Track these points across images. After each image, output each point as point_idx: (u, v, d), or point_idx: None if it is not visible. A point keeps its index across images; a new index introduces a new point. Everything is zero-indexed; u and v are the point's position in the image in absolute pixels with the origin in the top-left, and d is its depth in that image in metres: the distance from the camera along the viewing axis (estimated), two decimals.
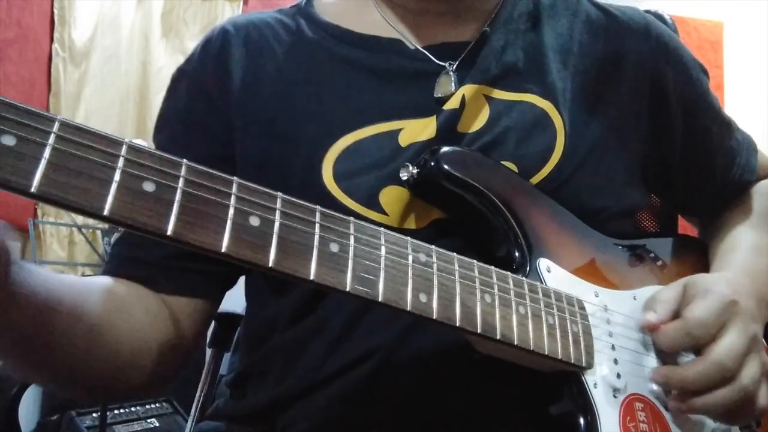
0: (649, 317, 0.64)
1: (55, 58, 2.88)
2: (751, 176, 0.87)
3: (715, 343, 0.62)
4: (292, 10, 0.82)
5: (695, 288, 0.65)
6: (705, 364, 0.61)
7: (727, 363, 0.61)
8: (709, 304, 0.63)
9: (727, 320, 0.63)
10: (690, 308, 0.63)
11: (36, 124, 0.38)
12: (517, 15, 0.77)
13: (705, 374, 0.61)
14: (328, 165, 0.68)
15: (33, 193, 0.37)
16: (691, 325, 0.62)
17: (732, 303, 0.63)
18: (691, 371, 0.62)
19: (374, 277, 0.47)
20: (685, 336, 0.62)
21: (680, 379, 0.62)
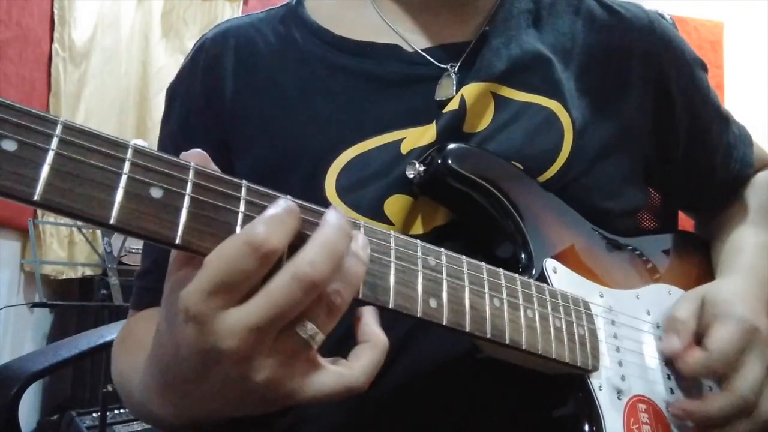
0: (674, 344, 0.65)
1: (55, 58, 2.87)
2: (748, 170, 0.87)
3: (737, 374, 0.63)
4: (281, 11, 0.80)
5: (714, 308, 0.66)
6: (729, 398, 0.62)
7: (750, 397, 0.62)
8: (731, 334, 0.64)
9: (746, 346, 0.63)
10: (711, 338, 0.64)
11: (38, 127, 0.36)
12: (516, 13, 0.76)
13: (729, 409, 0.62)
14: (331, 180, 0.67)
15: (36, 201, 0.36)
16: (713, 358, 0.63)
17: (752, 330, 0.64)
18: (714, 407, 0.63)
19: (384, 283, 0.46)
20: (706, 369, 0.64)
21: (704, 415, 0.63)
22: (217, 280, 0.39)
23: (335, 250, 0.41)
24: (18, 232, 2.71)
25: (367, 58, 0.73)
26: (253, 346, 0.40)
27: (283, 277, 0.40)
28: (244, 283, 0.40)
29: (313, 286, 0.40)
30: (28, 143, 0.36)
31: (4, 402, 1.06)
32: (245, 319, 0.40)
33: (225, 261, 0.39)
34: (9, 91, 2.57)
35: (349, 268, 0.43)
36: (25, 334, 2.80)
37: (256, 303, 0.40)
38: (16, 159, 0.35)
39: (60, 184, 0.36)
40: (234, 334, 0.40)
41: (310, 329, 0.42)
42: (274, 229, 0.40)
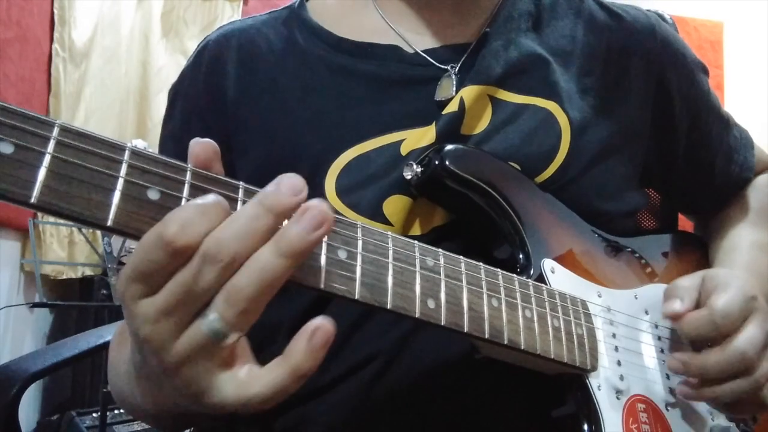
0: (675, 306, 0.64)
1: (55, 58, 2.87)
2: (749, 173, 0.87)
3: (738, 333, 0.61)
4: (283, 12, 0.80)
5: (715, 280, 0.65)
6: (727, 352, 0.61)
7: (749, 353, 0.61)
8: (732, 296, 0.63)
9: (748, 314, 0.62)
10: (715, 299, 0.63)
11: (35, 130, 0.36)
12: (517, 15, 0.76)
13: (726, 363, 0.61)
14: (331, 181, 0.67)
15: (33, 203, 0.36)
16: (717, 314, 0.62)
17: (753, 298, 0.63)
18: (712, 359, 0.61)
19: (383, 284, 0.46)
20: (710, 325, 0.62)
21: (700, 366, 0.62)
22: (134, 269, 0.39)
23: (248, 230, 0.39)
24: (18, 232, 2.71)
25: (367, 59, 0.73)
26: (165, 333, 0.39)
27: (193, 258, 0.39)
28: (158, 274, 0.39)
29: (217, 263, 0.38)
30: (24, 146, 0.36)
31: (4, 402, 1.06)
32: (156, 304, 0.39)
33: (140, 251, 0.39)
34: (9, 91, 2.57)
35: (257, 260, 0.39)
36: (25, 334, 2.80)
37: (166, 287, 0.39)
38: (13, 161, 0.35)
39: (57, 186, 0.37)
40: (148, 319, 0.39)
41: (212, 319, 0.39)
42: (188, 226, 0.38)
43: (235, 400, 0.41)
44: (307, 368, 0.41)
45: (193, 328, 0.40)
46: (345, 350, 0.65)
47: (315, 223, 0.40)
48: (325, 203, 0.41)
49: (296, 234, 0.39)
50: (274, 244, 0.39)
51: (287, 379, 0.41)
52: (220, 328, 0.40)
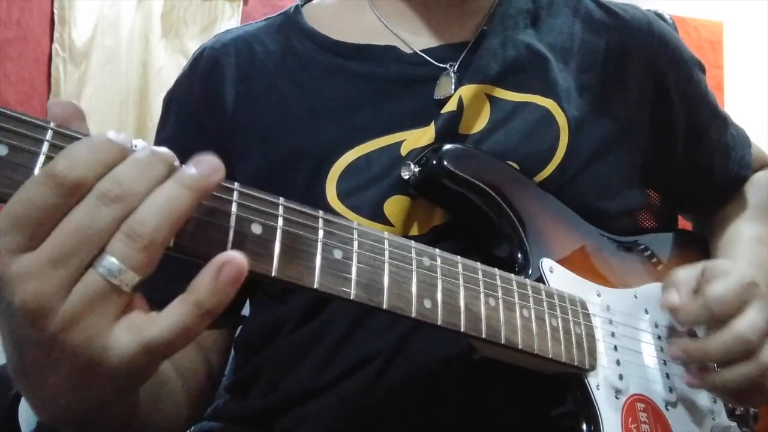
0: (672, 297, 0.64)
1: (55, 58, 2.87)
2: (746, 171, 0.87)
3: (738, 317, 0.61)
4: (279, 19, 0.80)
5: (714, 270, 0.65)
6: (728, 335, 0.60)
7: (751, 336, 0.60)
8: (729, 283, 0.62)
9: (747, 300, 0.62)
10: (710, 285, 0.62)
11: (29, 132, 0.36)
12: (515, 13, 0.76)
13: (727, 346, 0.60)
14: (331, 183, 0.67)
15: None
16: (711, 300, 0.61)
17: (752, 284, 0.63)
18: (712, 343, 0.61)
19: (378, 284, 0.46)
20: (704, 310, 0.61)
21: (702, 350, 0.62)
22: (12, 216, 0.35)
23: (149, 172, 0.37)
24: None
25: (365, 61, 0.73)
26: (52, 289, 0.35)
27: (87, 198, 0.36)
28: (44, 218, 0.35)
29: (116, 202, 0.36)
30: (19, 147, 0.36)
31: (4, 402, 1.06)
32: (43, 252, 0.35)
33: (22, 194, 0.35)
34: (9, 90, 2.57)
35: (161, 192, 0.37)
36: None
37: (54, 234, 0.35)
38: (8, 163, 0.36)
39: None
40: (29, 274, 0.35)
41: (110, 263, 0.36)
42: (79, 157, 0.35)
43: (135, 348, 0.37)
44: (212, 305, 0.37)
45: (87, 278, 0.36)
46: (344, 350, 0.65)
47: (212, 167, 0.38)
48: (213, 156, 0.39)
49: (197, 171, 0.38)
50: (175, 179, 0.37)
51: (191, 315, 0.37)
52: (119, 270, 0.36)
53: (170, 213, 0.36)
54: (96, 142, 0.36)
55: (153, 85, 3.17)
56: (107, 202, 0.35)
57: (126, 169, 0.36)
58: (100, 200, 0.35)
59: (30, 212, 0.35)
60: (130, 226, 0.36)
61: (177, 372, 0.66)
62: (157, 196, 0.37)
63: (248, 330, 0.77)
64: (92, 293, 0.36)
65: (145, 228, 0.36)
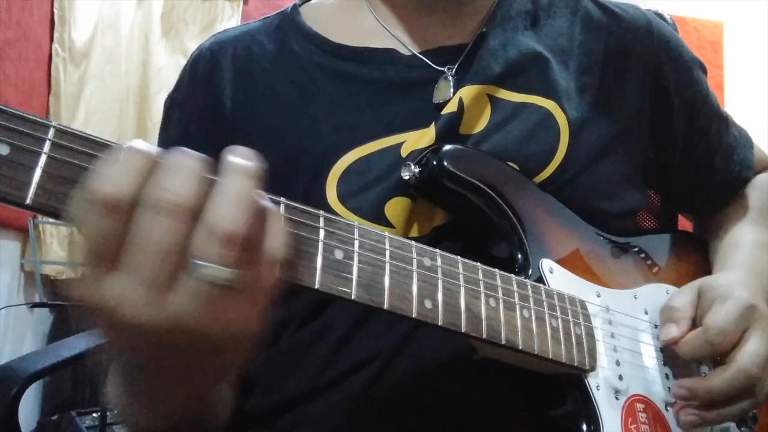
0: (671, 332, 0.64)
1: (55, 58, 2.86)
2: (748, 172, 0.87)
3: (739, 350, 0.61)
4: (276, 19, 0.80)
5: (712, 292, 0.65)
6: (731, 372, 0.61)
7: (754, 370, 0.61)
8: (729, 310, 0.63)
9: (747, 326, 0.62)
10: (710, 316, 0.63)
11: (30, 131, 0.36)
12: (514, 14, 0.76)
13: (732, 383, 0.61)
14: (332, 185, 0.67)
15: (28, 205, 0.36)
16: (712, 333, 0.62)
17: (751, 308, 0.63)
18: (717, 381, 0.61)
19: (379, 284, 0.46)
20: (706, 344, 0.62)
21: (707, 391, 0.62)
22: (82, 250, 0.36)
23: (188, 168, 0.38)
24: (18, 232, 2.71)
25: (364, 63, 0.73)
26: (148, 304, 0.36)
27: (144, 215, 0.36)
28: (104, 242, 0.36)
29: (174, 209, 0.36)
30: (20, 147, 0.36)
31: (4, 402, 1.06)
32: (127, 277, 0.36)
33: (81, 229, 0.36)
34: (9, 91, 2.57)
35: (228, 185, 0.38)
36: (25, 334, 2.80)
37: (130, 254, 0.36)
38: (9, 163, 0.36)
39: (52, 187, 0.37)
40: (124, 297, 0.36)
41: (200, 265, 0.37)
42: (110, 177, 0.36)
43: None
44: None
45: (187, 277, 0.37)
46: (345, 350, 0.65)
47: (248, 153, 0.40)
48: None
49: (241, 159, 0.39)
50: (233, 170, 0.38)
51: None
52: (218, 273, 0.37)
53: (238, 201, 0.37)
54: (123, 155, 0.37)
55: (153, 85, 3.16)
56: (170, 214, 0.36)
57: (168, 177, 0.37)
58: (154, 212, 0.36)
59: (93, 240, 0.36)
60: (211, 228, 0.37)
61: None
62: (227, 188, 0.38)
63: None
64: (204, 293, 0.37)
65: (228, 224, 0.37)
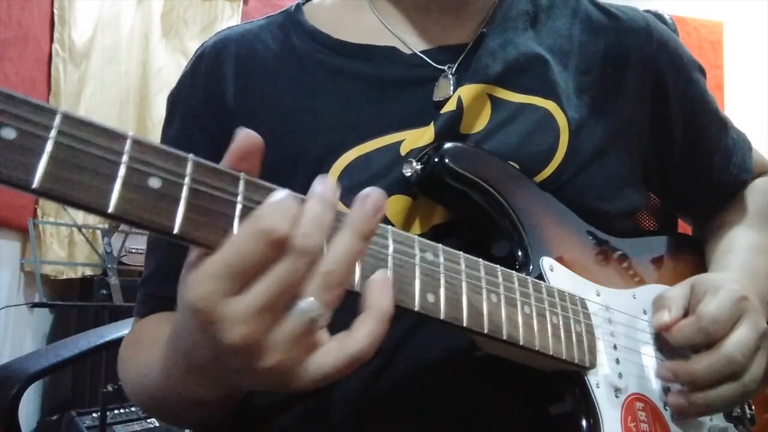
0: (663, 317, 0.64)
1: (55, 58, 2.87)
2: (746, 175, 0.87)
3: (727, 337, 0.62)
4: (280, 17, 0.80)
5: (704, 285, 0.66)
6: (715, 357, 0.61)
7: (738, 357, 0.61)
8: (721, 300, 0.63)
9: (738, 316, 0.63)
10: (703, 304, 0.63)
11: (37, 117, 0.37)
12: (514, 14, 0.77)
13: (715, 368, 0.61)
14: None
15: (35, 189, 0.36)
16: (704, 321, 0.62)
17: (742, 299, 0.64)
18: (700, 365, 0.62)
19: None
20: (698, 332, 0.62)
21: (689, 373, 0.62)
22: (226, 264, 0.39)
23: (323, 221, 0.42)
24: (18, 232, 2.71)
25: (365, 61, 0.73)
26: (259, 332, 0.40)
27: (290, 254, 0.41)
28: (253, 268, 0.40)
29: (309, 255, 0.41)
30: (27, 132, 0.36)
31: (4, 402, 1.06)
32: (252, 301, 0.40)
33: (233, 246, 0.40)
34: None
35: (343, 245, 0.43)
36: (25, 334, 2.80)
37: (260, 284, 0.40)
38: (16, 147, 0.36)
39: (59, 172, 0.37)
40: (240, 320, 0.40)
41: (307, 305, 0.41)
42: (281, 216, 0.40)
43: (337, 366, 0.43)
44: (388, 310, 0.44)
45: (290, 320, 0.41)
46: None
47: (377, 206, 0.44)
48: (380, 191, 0.45)
49: (365, 216, 0.44)
50: (351, 227, 0.43)
51: (378, 325, 0.44)
52: (318, 312, 0.41)
53: (352, 260, 0.43)
54: (285, 203, 0.41)
55: (153, 85, 3.17)
56: (303, 255, 0.41)
57: (311, 224, 0.41)
58: (298, 254, 0.40)
59: (242, 263, 0.39)
60: (325, 275, 0.42)
61: None
62: (340, 247, 0.43)
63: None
64: (297, 330, 0.41)
65: (338, 277, 0.42)
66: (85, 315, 2.75)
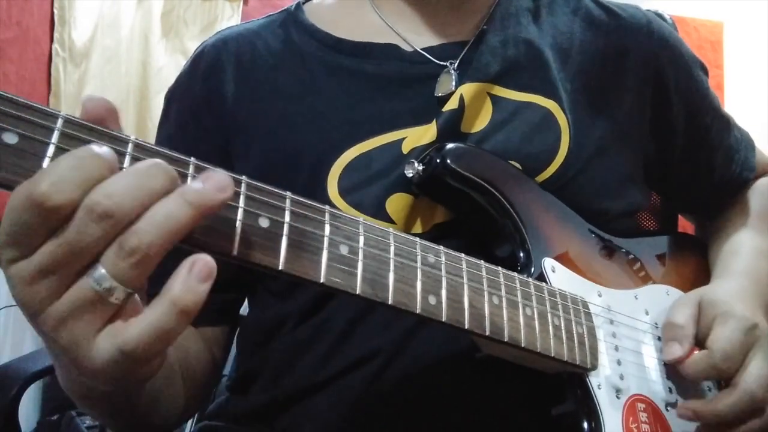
0: (675, 353, 0.64)
1: (55, 58, 2.86)
2: (749, 174, 0.87)
3: (743, 371, 0.62)
4: (281, 16, 0.81)
5: (713, 309, 0.65)
6: (737, 395, 0.61)
7: (759, 393, 0.61)
8: (732, 333, 0.63)
9: (750, 346, 0.63)
10: (714, 338, 0.63)
11: (39, 121, 0.37)
12: (515, 11, 0.77)
13: (738, 406, 0.61)
14: (333, 180, 0.67)
15: None
16: (716, 357, 0.62)
17: (753, 327, 0.64)
18: (723, 404, 0.62)
19: (384, 280, 0.46)
20: (711, 369, 0.62)
21: (713, 414, 0.62)
22: (6, 232, 0.36)
23: (144, 185, 0.36)
24: None
25: (366, 59, 0.73)
26: (42, 294, 0.36)
27: (78, 211, 0.36)
28: (32, 236, 0.36)
29: (108, 218, 0.35)
30: (29, 136, 0.36)
31: (4, 402, 1.06)
32: (34, 263, 0.36)
33: (10, 211, 0.35)
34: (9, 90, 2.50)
35: (162, 207, 0.37)
36: (25, 334, 2.79)
37: (44, 246, 0.36)
38: (18, 152, 0.36)
39: None
40: (22, 279, 0.36)
41: (100, 276, 0.36)
42: (62, 182, 0.35)
43: (113, 353, 0.37)
44: (186, 302, 0.37)
45: (76, 288, 0.37)
46: (345, 347, 0.65)
47: (221, 184, 0.38)
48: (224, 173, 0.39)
49: (203, 188, 0.38)
50: (179, 193, 0.37)
51: (167, 314, 0.37)
52: (109, 284, 0.36)
53: (168, 229, 0.36)
54: (81, 160, 0.35)
55: (153, 85, 3.16)
56: (97, 218, 0.35)
57: (118, 183, 0.36)
58: (88, 215, 0.35)
59: (19, 230, 0.35)
60: (125, 239, 0.36)
61: (180, 362, 0.67)
62: (157, 211, 0.36)
63: (249, 328, 0.77)
64: (80, 300, 0.37)
65: (140, 242, 0.36)
66: None
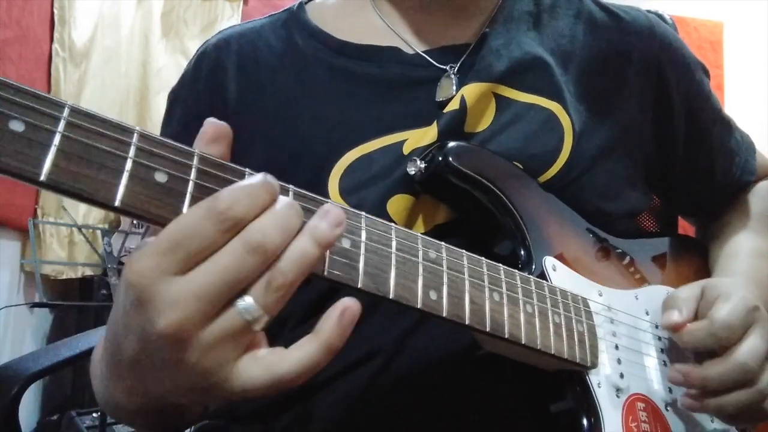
0: (673, 317, 0.64)
1: (55, 58, 2.86)
2: (750, 177, 0.87)
3: (739, 344, 0.62)
4: (283, 15, 0.81)
5: (716, 290, 0.65)
6: (728, 364, 0.61)
7: (750, 365, 0.61)
8: (734, 306, 0.63)
9: (749, 324, 0.63)
10: (715, 309, 0.63)
11: (45, 110, 0.37)
12: (517, 15, 0.77)
13: (727, 374, 0.61)
14: (334, 181, 0.67)
15: (42, 181, 0.36)
16: (717, 325, 0.62)
17: (755, 308, 0.64)
18: (713, 371, 0.61)
19: (385, 274, 0.47)
20: (710, 336, 0.62)
21: (701, 378, 0.62)
22: (171, 239, 0.37)
23: (288, 225, 0.40)
24: (18, 232, 2.70)
25: (368, 61, 0.73)
26: (194, 320, 0.38)
27: (234, 244, 0.38)
28: (197, 249, 0.38)
29: (263, 254, 0.39)
30: (35, 124, 0.36)
31: (4, 402, 1.05)
32: (190, 286, 0.38)
33: (182, 224, 0.38)
34: None
35: (298, 247, 0.40)
36: (25, 334, 2.80)
37: (203, 269, 0.38)
38: (24, 140, 0.36)
39: (66, 165, 0.37)
40: (177, 303, 0.37)
41: (248, 305, 0.39)
42: (240, 198, 0.39)
43: (266, 381, 0.41)
44: (338, 344, 0.42)
45: (227, 316, 0.39)
46: (345, 347, 0.65)
47: (338, 220, 0.42)
48: (338, 207, 0.43)
49: (326, 226, 0.41)
50: (309, 234, 0.41)
51: (319, 354, 0.42)
52: (259, 314, 0.40)
53: (303, 267, 0.40)
54: (256, 184, 0.40)
55: (153, 85, 3.17)
56: (253, 253, 0.38)
57: (270, 222, 0.39)
58: (246, 248, 0.38)
59: (190, 241, 0.38)
60: (273, 277, 0.40)
61: None
62: (294, 250, 0.40)
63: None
64: (230, 329, 0.39)
65: (285, 279, 0.40)
66: (85, 315, 2.75)
